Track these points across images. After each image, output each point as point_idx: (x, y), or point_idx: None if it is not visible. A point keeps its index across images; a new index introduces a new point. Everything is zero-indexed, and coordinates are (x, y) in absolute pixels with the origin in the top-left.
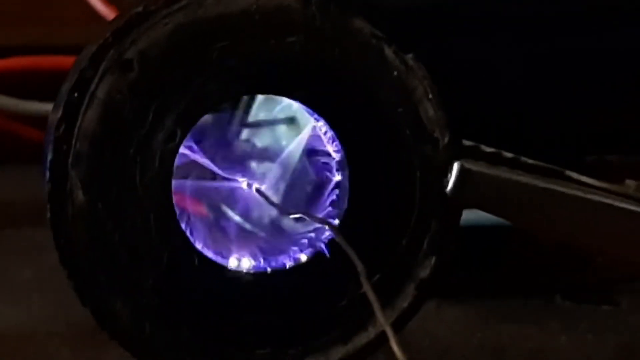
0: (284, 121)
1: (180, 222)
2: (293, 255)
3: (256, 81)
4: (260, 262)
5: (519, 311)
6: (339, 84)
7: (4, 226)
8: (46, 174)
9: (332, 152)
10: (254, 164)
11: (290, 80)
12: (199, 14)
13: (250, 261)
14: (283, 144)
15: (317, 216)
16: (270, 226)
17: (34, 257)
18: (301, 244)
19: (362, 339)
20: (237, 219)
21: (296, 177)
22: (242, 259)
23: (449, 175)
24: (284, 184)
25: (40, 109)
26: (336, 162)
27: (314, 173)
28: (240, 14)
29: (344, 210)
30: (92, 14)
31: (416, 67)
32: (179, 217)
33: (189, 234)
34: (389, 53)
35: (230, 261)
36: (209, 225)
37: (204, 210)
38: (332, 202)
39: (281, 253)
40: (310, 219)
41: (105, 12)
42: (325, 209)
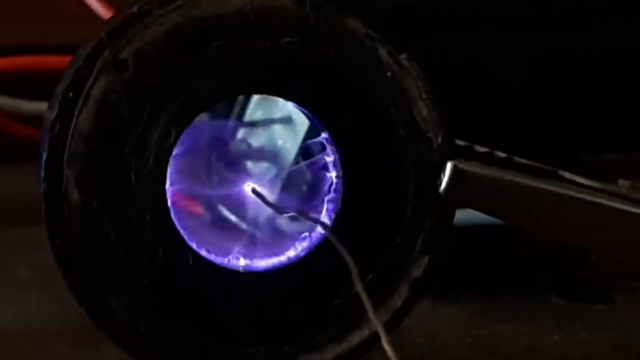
0: (280, 121)
1: (176, 221)
2: (288, 254)
3: (251, 81)
4: (255, 260)
5: (513, 310)
6: (333, 84)
7: (1, 224)
8: (41, 173)
9: (327, 152)
10: (250, 164)
11: (285, 80)
12: (194, 14)
13: (245, 260)
14: (279, 143)
15: (311, 216)
16: (266, 225)
17: (31, 255)
18: (296, 242)
19: (356, 337)
20: (233, 218)
21: (292, 176)
22: (237, 257)
23: (442, 174)
24: (279, 184)
25: (36, 108)
26: (331, 161)
27: (309, 172)
28: (235, 14)
29: (338, 210)
30: (90, 11)
31: (410, 67)
32: (174, 216)
33: (184, 233)
34: (383, 53)
35: (226, 260)
36: (204, 224)
37: (200, 209)
38: (326, 201)
39: (276, 252)
40: (304, 218)
41: (102, 12)
42: (320, 208)
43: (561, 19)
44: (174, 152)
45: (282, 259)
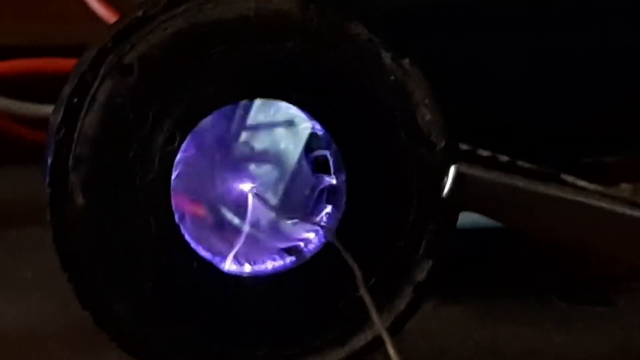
0: (282, 124)
1: (179, 225)
2: (291, 257)
3: (254, 85)
4: (258, 263)
5: (514, 311)
6: (336, 88)
7: (4, 226)
8: (46, 177)
9: (329, 155)
10: (252, 167)
11: (288, 84)
12: (197, 18)
13: (248, 263)
14: (281, 146)
15: (314, 220)
16: (268, 228)
17: (34, 257)
18: (299, 245)
19: (360, 340)
20: (236, 220)
21: (294, 179)
22: (240, 260)
23: (445, 178)
24: (282, 187)
25: (40, 110)
26: (333, 165)
27: (312, 176)
28: (238, 18)
29: (341, 213)
30: (91, 12)
31: (413, 72)
32: (177, 219)
33: (187, 236)
34: (385, 57)
35: (229, 263)
36: (207, 227)
37: (203, 212)
38: (329, 204)
39: (279, 255)
40: (307, 222)
41: (103, 12)
42: (323, 211)
43: (563, 21)
44: (178, 155)
45: (285, 262)
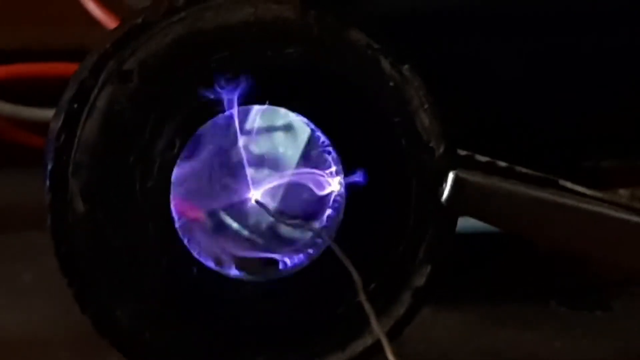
0: (281, 128)
1: (179, 230)
2: (290, 262)
3: (254, 92)
4: (258, 269)
5: (514, 316)
6: (335, 94)
7: (4, 230)
8: (47, 183)
9: (328, 161)
10: (251, 171)
11: (288, 91)
12: (198, 25)
13: (247, 268)
14: (280, 151)
15: (313, 226)
16: (268, 233)
17: (35, 261)
18: (298, 250)
19: (359, 346)
20: (235, 225)
21: (293, 184)
22: (239, 265)
23: (444, 184)
24: (281, 191)
25: (38, 115)
26: (333, 170)
27: (311, 181)
28: (238, 25)
29: (340, 218)
30: (89, 15)
31: (412, 78)
32: (177, 224)
33: (187, 242)
34: (385, 64)
35: (228, 268)
36: (207, 232)
37: (203, 218)
38: (328, 209)
39: (278, 260)
40: (306, 228)
41: (101, 16)
42: (322, 216)
43: (562, 24)
44: (177, 161)
45: (285, 266)
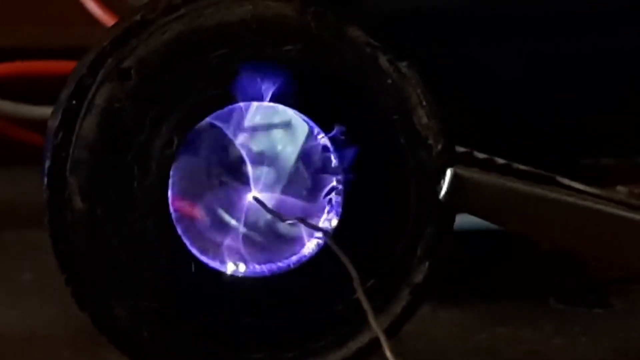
0: (279, 125)
1: (178, 227)
2: (289, 259)
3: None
4: (256, 266)
5: (513, 314)
6: (334, 92)
7: (4, 228)
8: (45, 180)
9: (327, 158)
10: (250, 169)
11: (287, 88)
12: (196, 22)
13: (246, 265)
14: (279, 148)
15: (311, 223)
16: (266, 230)
17: (34, 260)
18: (297, 248)
19: (358, 343)
20: (234, 223)
21: (292, 181)
22: (238, 263)
23: (442, 181)
24: (279, 189)
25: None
26: (331, 167)
27: (310, 178)
28: (237, 22)
29: (339, 216)
30: (88, 14)
31: (410, 75)
32: (176, 222)
33: (186, 239)
34: (383, 61)
35: (227, 265)
36: (205, 230)
37: (201, 215)
38: (327, 207)
39: (277, 257)
40: (305, 225)
41: (100, 14)
42: (321, 213)
43: (562, 24)
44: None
45: (283, 264)
